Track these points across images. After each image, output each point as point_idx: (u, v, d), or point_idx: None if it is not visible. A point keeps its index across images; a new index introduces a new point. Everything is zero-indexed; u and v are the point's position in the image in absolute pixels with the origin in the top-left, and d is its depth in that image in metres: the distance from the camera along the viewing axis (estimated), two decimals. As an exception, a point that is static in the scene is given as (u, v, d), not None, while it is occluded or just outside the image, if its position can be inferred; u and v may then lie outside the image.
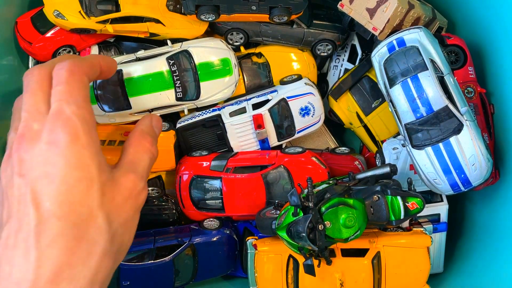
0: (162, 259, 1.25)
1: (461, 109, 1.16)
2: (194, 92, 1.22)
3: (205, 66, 1.06)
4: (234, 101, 1.42)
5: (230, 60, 0.92)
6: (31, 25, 1.33)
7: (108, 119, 1.21)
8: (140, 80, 1.04)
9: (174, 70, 0.97)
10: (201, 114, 1.40)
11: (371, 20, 1.29)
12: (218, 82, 1.05)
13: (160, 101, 1.18)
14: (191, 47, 1.27)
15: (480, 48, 1.35)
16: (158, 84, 1.12)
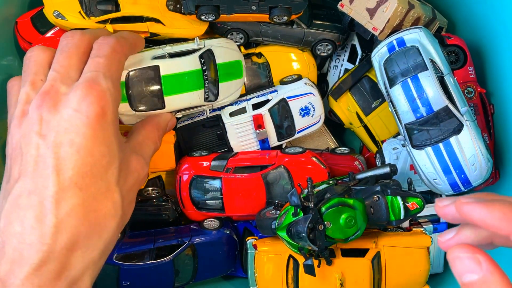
0: (162, 259, 1.25)
1: (461, 109, 1.16)
2: (215, 92, 1.19)
3: (224, 67, 1.03)
4: (234, 101, 1.42)
5: (242, 62, 0.91)
6: (31, 25, 1.33)
7: (136, 119, 1.11)
8: (177, 78, 0.98)
9: (204, 69, 0.91)
10: (201, 114, 1.40)
11: (371, 20, 1.29)
12: (232, 84, 1.03)
13: (192, 101, 1.13)
14: (213, 46, 1.25)
15: (480, 48, 1.35)
16: (192, 83, 1.06)
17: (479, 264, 0.45)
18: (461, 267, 0.45)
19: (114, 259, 1.21)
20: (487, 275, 0.44)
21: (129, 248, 1.24)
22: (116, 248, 1.23)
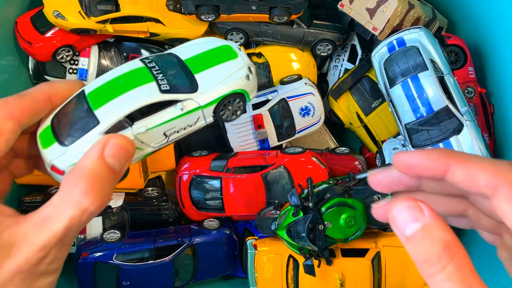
0: (162, 259, 1.25)
1: (461, 109, 1.16)
2: (185, 82, 0.71)
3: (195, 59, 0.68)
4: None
5: (231, 45, 0.66)
6: (31, 25, 1.33)
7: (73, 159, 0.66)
8: (108, 86, 0.63)
9: (153, 66, 0.61)
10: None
11: (371, 20, 1.29)
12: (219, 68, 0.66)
13: (141, 99, 0.64)
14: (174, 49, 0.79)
15: (480, 48, 1.35)
16: (133, 81, 0.64)
17: (421, 211, 0.43)
18: (404, 218, 0.44)
19: (114, 259, 1.21)
20: (430, 221, 0.43)
21: (129, 248, 1.24)
22: (116, 248, 1.23)
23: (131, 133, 0.60)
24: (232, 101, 0.67)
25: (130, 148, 0.57)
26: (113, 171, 0.54)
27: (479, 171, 0.46)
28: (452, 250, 0.42)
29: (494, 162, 0.47)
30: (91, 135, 0.60)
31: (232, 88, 0.66)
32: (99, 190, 0.52)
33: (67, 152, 0.60)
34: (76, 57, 1.39)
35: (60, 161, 0.60)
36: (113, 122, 0.60)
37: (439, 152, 0.49)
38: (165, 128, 0.63)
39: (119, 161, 0.55)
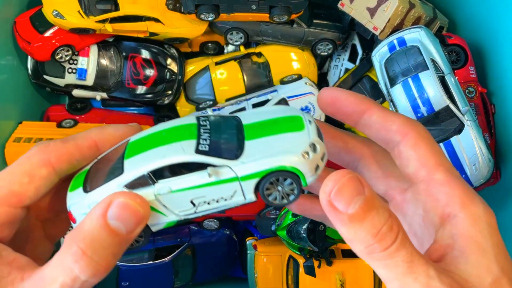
0: (162, 259, 1.24)
1: (462, 109, 1.16)
2: (228, 147, 0.59)
3: (256, 125, 0.57)
4: (234, 101, 1.41)
5: (302, 117, 0.45)
6: (30, 25, 1.32)
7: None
8: (149, 138, 0.57)
9: (204, 125, 0.49)
10: (201, 114, 1.40)
11: (371, 20, 1.28)
12: (277, 138, 0.53)
13: (170, 155, 0.56)
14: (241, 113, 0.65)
15: (481, 47, 1.35)
16: (174, 136, 0.57)
17: (359, 181, 0.41)
18: (347, 194, 0.41)
19: (113, 259, 1.21)
20: (370, 191, 0.41)
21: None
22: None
23: (152, 192, 0.52)
24: (281, 180, 0.52)
25: (140, 210, 0.48)
26: (118, 234, 0.47)
27: (394, 117, 0.49)
28: (393, 215, 0.41)
29: (406, 116, 0.50)
30: (112, 185, 0.52)
31: (281, 164, 0.51)
32: (94, 256, 0.45)
33: (85, 199, 0.53)
34: (75, 57, 1.39)
35: (75, 207, 0.53)
36: (136, 175, 0.52)
37: (363, 96, 0.52)
38: (193, 195, 0.52)
39: (126, 224, 0.47)
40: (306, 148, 0.50)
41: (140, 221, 0.48)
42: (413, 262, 0.41)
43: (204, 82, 1.48)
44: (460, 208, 0.45)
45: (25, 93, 1.42)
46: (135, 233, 0.48)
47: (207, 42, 1.50)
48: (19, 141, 1.28)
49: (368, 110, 0.50)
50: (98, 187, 0.52)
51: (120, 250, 0.47)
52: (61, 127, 1.35)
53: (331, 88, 0.53)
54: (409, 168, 0.48)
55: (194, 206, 0.53)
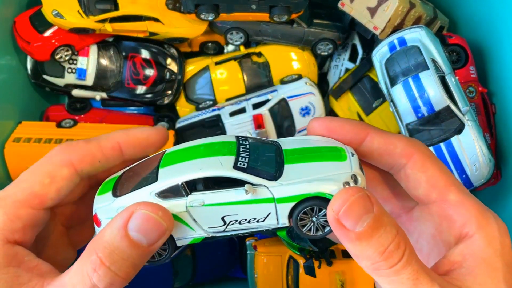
0: (161, 260, 1.24)
1: (463, 109, 1.16)
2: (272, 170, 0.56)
3: (297, 151, 0.56)
4: (234, 101, 1.41)
5: (344, 149, 0.45)
6: (30, 24, 1.32)
7: None
8: (187, 150, 0.56)
9: (244, 144, 0.56)
10: (201, 114, 1.39)
11: (372, 19, 1.28)
12: (317, 165, 0.53)
13: (207, 168, 0.54)
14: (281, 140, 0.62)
15: (481, 47, 1.34)
16: (213, 150, 0.56)
17: (368, 199, 0.41)
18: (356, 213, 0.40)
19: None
20: (379, 209, 0.40)
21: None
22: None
23: (184, 204, 0.50)
24: (316, 211, 0.49)
25: (162, 222, 0.46)
26: (138, 247, 0.45)
27: (396, 140, 0.49)
28: (402, 232, 0.41)
29: (407, 137, 0.50)
30: (144, 192, 0.50)
31: (320, 190, 0.48)
32: (112, 266, 0.44)
33: (113, 203, 0.51)
34: (75, 57, 1.39)
35: (102, 211, 0.51)
36: (169, 184, 0.50)
37: (358, 121, 0.51)
38: (225, 211, 0.50)
39: (147, 236, 0.45)
40: (347, 178, 0.48)
41: (162, 234, 0.46)
42: (419, 280, 0.40)
43: (204, 82, 1.47)
44: (477, 229, 0.45)
45: (24, 93, 1.42)
46: (156, 245, 0.46)
47: (207, 42, 1.50)
48: (18, 141, 1.28)
49: (367, 136, 0.49)
50: (128, 192, 0.51)
51: (141, 262, 0.46)
52: (61, 127, 1.35)
53: (322, 118, 0.51)
54: (419, 191, 0.48)
55: (224, 224, 0.51)
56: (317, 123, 0.51)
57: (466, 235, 0.45)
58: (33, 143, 1.27)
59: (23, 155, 1.26)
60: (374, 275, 0.42)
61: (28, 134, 1.29)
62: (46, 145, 1.27)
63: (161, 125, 1.04)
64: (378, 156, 0.49)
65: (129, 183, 0.52)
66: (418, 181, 0.48)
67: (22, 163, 1.27)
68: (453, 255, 0.45)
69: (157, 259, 0.52)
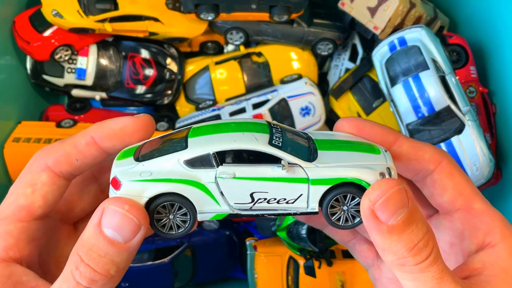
0: (161, 260, 1.24)
1: (463, 109, 1.15)
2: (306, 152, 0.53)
3: (330, 141, 0.54)
4: (234, 101, 1.41)
5: (376, 145, 0.52)
6: (29, 24, 1.32)
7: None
8: (216, 125, 0.54)
9: (276, 127, 0.53)
10: (200, 114, 1.39)
11: (372, 19, 1.28)
12: (353, 155, 0.51)
13: (242, 142, 0.52)
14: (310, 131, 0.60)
15: (482, 47, 1.34)
16: (244, 127, 0.53)
17: (405, 193, 0.40)
18: (393, 206, 0.40)
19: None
20: (413, 204, 0.40)
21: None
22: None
23: (213, 175, 0.48)
24: (349, 199, 0.47)
25: (131, 217, 0.44)
26: (114, 243, 0.44)
27: (425, 146, 0.49)
28: (431, 230, 0.41)
29: (433, 145, 0.50)
30: (171, 158, 0.48)
31: (358, 176, 0.47)
32: (91, 263, 0.43)
33: (137, 167, 0.49)
34: (74, 57, 1.39)
35: (123, 174, 0.49)
36: (200, 153, 0.48)
37: (387, 126, 0.51)
38: (256, 187, 0.48)
39: (121, 232, 0.44)
40: (383, 170, 0.47)
41: (135, 229, 0.44)
42: (443, 279, 0.41)
43: (204, 82, 1.47)
44: (501, 238, 0.45)
45: (24, 93, 1.42)
46: (135, 241, 0.44)
47: (207, 42, 1.50)
48: (18, 141, 1.27)
49: (397, 140, 0.49)
50: (154, 158, 0.48)
51: (122, 259, 0.44)
52: (61, 127, 1.34)
53: (352, 118, 0.52)
54: (445, 197, 0.48)
55: (252, 201, 0.49)
56: (347, 121, 0.51)
57: (489, 244, 0.45)
58: (33, 143, 1.27)
59: (22, 155, 1.25)
60: (396, 270, 0.42)
61: (28, 134, 1.29)
62: (45, 145, 1.27)
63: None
64: (406, 161, 0.49)
65: (154, 150, 0.50)
66: (445, 188, 0.48)
67: (22, 163, 1.27)
68: (473, 262, 0.45)
69: (175, 232, 0.49)
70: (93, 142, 0.51)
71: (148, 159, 0.49)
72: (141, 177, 0.47)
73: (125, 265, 0.45)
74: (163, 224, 0.49)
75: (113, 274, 0.44)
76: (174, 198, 0.48)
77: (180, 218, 0.49)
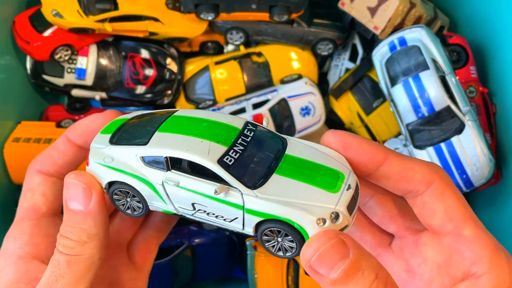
0: (161, 260, 1.24)
1: (463, 109, 1.15)
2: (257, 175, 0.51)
3: (298, 162, 0.50)
4: (234, 101, 1.41)
5: (345, 176, 0.48)
6: (29, 24, 1.32)
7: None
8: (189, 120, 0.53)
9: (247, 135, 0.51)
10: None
11: (372, 19, 1.28)
12: (305, 187, 0.48)
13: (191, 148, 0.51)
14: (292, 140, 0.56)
15: (482, 47, 1.34)
16: (209, 132, 0.52)
17: (344, 245, 0.39)
18: (329, 260, 0.39)
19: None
20: (357, 253, 0.39)
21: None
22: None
23: (161, 177, 0.50)
24: (283, 234, 0.47)
25: (85, 183, 0.51)
26: (77, 212, 0.50)
27: (416, 165, 0.46)
28: (382, 275, 0.40)
29: (427, 162, 0.48)
30: (130, 151, 0.51)
31: (290, 218, 0.45)
32: (67, 234, 0.51)
33: (104, 150, 0.53)
34: (74, 57, 1.39)
35: (93, 153, 0.53)
36: (154, 153, 0.50)
37: (377, 143, 0.48)
38: (196, 199, 0.49)
39: (78, 200, 0.50)
40: (325, 215, 0.44)
41: (88, 194, 0.50)
42: None
43: (203, 82, 1.47)
44: (487, 269, 0.44)
45: (24, 93, 1.42)
46: (92, 206, 0.50)
47: (206, 42, 1.50)
48: (18, 141, 1.27)
49: (386, 160, 0.47)
50: (120, 145, 0.52)
51: (88, 224, 0.50)
52: (60, 127, 1.34)
53: (340, 132, 0.48)
54: (434, 220, 0.46)
55: (194, 209, 0.50)
56: (333, 136, 0.48)
57: (474, 274, 0.44)
58: (33, 143, 1.27)
59: (22, 155, 1.25)
60: None
61: (28, 134, 1.29)
62: (45, 145, 1.27)
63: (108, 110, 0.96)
64: (395, 182, 0.47)
65: (127, 133, 0.54)
66: (435, 211, 0.46)
67: (22, 163, 1.27)
68: None
69: (131, 213, 0.54)
70: (68, 141, 0.58)
71: (116, 143, 0.53)
72: (104, 162, 0.52)
73: (97, 231, 0.51)
74: (122, 203, 0.54)
75: (86, 240, 0.50)
76: (127, 188, 0.52)
77: (135, 203, 0.53)
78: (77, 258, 0.49)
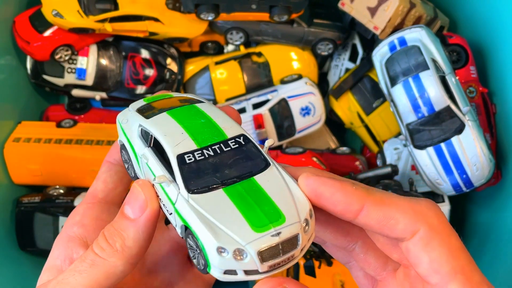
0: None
1: (463, 109, 1.15)
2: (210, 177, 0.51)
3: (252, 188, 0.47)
4: (234, 101, 1.41)
5: (284, 222, 0.44)
6: (29, 24, 1.32)
7: None
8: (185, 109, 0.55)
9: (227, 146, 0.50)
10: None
11: (372, 19, 1.28)
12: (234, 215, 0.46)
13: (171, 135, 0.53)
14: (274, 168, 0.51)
15: (482, 47, 1.34)
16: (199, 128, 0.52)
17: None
18: None
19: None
20: None
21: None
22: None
23: (141, 150, 0.53)
24: (198, 252, 0.46)
25: (145, 194, 0.50)
26: (126, 217, 0.50)
27: (398, 213, 0.42)
28: None
29: (412, 203, 0.43)
30: (138, 119, 0.55)
31: (197, 232, 0.44)
32: (106, 233, 0.50)
33: (130, 113, 0.58)
34: (74, 57, 1.39)
35: (125, 113, 0.59)
36: (146, 127, 0.53)
37: (355, 188, 0.43)
38: (152, 180, 0.50)
39: (132, 208, 0.50)
40: (229, 246, 0.42)
41: (143, 205, 0.49)
42: None
43: (204, 82, 1.47)
44: None
45: (24, 93, 1.42)
46: (141, 219, 0.48)
47: (207, 42, 1.50)
48: (18, 141, 1.27)
49: (362, 209, 0.42)
50: (138, 113, 0.56)
51: (127, 233, 0.49)
52: (61, 127, 1.34)
53: (313, 178, 0.44)
54: (418, 270, 0.43)
55: (153, 186, 0.52)
56: (305, 184, 0.44)
57: None
58: (33, 143, 1.27)
59: (22, 155, 1.25)
60: None
61: (28, 134, 1.29)
62: (46, 145, 1.27)
63: None
64: (376, 230, 0.44)
65: (151, 108, 0.57)
66: (419, 261, 0.42)
67: (22, 163, 1.27)
68: None
69: (130, 175, 0.57)
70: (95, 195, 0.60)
71: (137, 111, 0.57)
72: (121, 122, 0.58)
73: (132, 244, 0.48)
74: (126, 163, 0.58)
75: (118, 249, 0.48)
76: (124, 149, 0.57)
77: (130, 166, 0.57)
78: (101, 262, 0.48)
